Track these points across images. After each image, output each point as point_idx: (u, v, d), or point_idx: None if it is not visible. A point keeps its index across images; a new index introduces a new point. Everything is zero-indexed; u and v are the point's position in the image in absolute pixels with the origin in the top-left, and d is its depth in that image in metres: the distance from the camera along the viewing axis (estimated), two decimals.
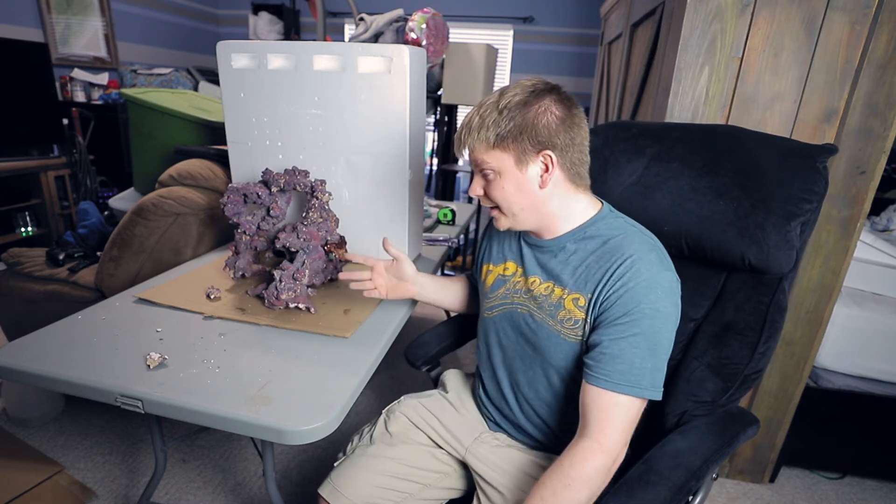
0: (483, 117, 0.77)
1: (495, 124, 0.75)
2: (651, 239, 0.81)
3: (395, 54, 1.18)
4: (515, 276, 0.90)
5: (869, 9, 1.13)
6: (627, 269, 0.74)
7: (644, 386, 0.72)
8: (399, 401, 1.05)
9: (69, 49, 3.53)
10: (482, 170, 0.79)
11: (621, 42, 2.02)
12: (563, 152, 0.77)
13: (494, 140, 0.76)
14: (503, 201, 0.80)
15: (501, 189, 0.79)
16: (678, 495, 0.73)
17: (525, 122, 0.75)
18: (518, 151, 0.76)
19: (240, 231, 1.23)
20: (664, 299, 0.73)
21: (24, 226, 3.00)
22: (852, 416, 1.55)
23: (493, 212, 0.85)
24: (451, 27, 2.72)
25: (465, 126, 0.79)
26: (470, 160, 0.81)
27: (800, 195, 0.85)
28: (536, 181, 0.78)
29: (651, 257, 0.76)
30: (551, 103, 0.76)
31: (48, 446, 1.59)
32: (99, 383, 0.81)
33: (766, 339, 0.86)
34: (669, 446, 0.80)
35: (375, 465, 0.92)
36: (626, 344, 0.72)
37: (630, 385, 0.71)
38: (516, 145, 0.76)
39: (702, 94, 1.24)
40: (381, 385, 2.03)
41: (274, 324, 1.03)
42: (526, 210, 0.80)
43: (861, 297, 1.57)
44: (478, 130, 0.77)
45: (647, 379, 0.72)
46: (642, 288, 0.73)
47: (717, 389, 0.88)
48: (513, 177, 0.78)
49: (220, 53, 1.31)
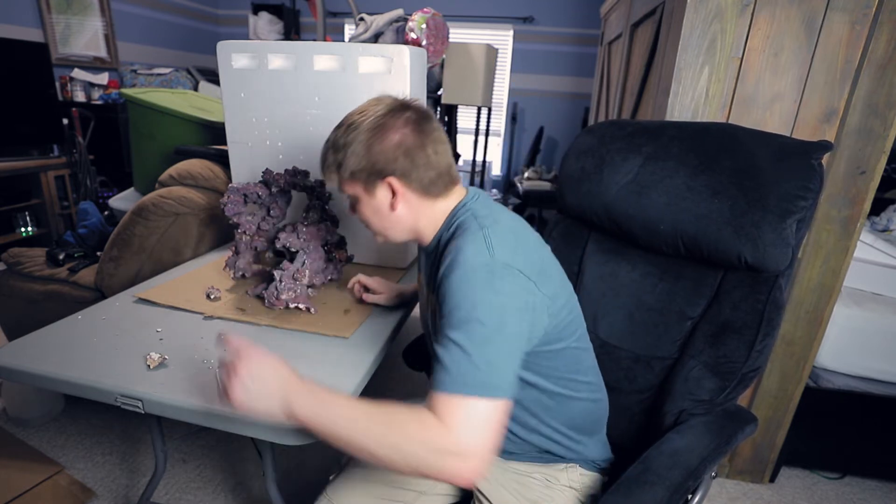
0: (326, 156, 0.81)
1: (338, 162, 0.79)
2: (492, 228, 0.72)
3: (396, 54, 1.18)
4: (422, 286, 0.92)
5: (869, 9, 1.13)
6: (449, 262, 0.69)
7: (474, 384, 0.61)
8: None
9: (69, 49, 3.53)
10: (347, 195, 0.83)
11: (621, 42, 2.02)
12: (408, 176, 0.77)
13: (341, 175, 0.80)
14: (368, 222, 0.84)
15: (363, 213, 0.83)
16: (676, 495, 0.73)
17: (365, 155, 0.76)
18: (364, 182, 0.78)
19: (240, 231, 1.23)
20: (483, 287, 0.65)
21: (24, 226, 3.00)
22: (852, 416, 1.55)
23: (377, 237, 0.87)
24: (451, 27, 2.72)
25: (320, 162, 0.83)
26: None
27: (795, 192, 0.85)
28: (387, 204, 0.79)
29: (474, 245, 0.69)
30: (391, 132, 0.76)
31: (48, 446, 1.59)
32: (99, 383, 0.81)
33: (763, 337, 0.86)
34: (667, 445, 0.80)
35: (370, 475, 0.92)
36: (446, 345, 0.64)
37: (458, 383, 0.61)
38: (361, 177, 0.78)
39: (702, 95, 1.24)
40: (381, 385, 2.03)
41: (274, 324, 1.03)
42: (389, 229, 0.83)
43: (861, 297, 1.57)
44: (328, 168, 0.81)
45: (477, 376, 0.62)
46: (457, 280, 0.66)
47: (714, 388, 0.88)
48: (367, 203, 0.81)
49: (220, 53, 1.31)
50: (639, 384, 1.01)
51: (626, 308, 1.05)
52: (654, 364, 1.00)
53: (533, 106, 4.72)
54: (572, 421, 0.85)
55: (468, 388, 0.61)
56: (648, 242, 1.01)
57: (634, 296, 1.04)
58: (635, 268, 1.05)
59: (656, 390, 0.99)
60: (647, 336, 1.01)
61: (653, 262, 1.04)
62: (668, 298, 1.00)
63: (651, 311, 1.02)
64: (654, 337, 1.01)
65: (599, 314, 1.09)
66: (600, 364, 1.03)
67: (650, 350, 1.00)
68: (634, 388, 1.01)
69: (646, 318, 1.02)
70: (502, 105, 4.76)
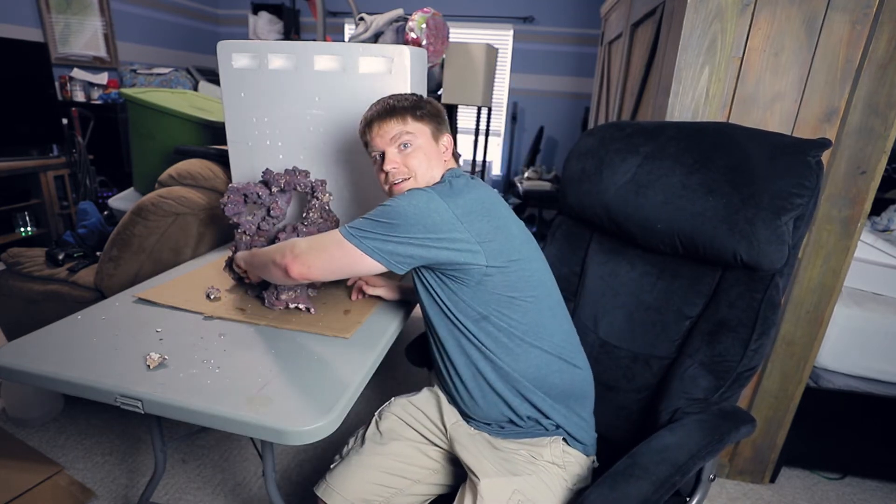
0: (402, 101, 0.97)
1: (417, 105, 0.97)
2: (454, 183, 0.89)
3: (396, 54, 1.17)
4: None
5: (869, 8, 1.13)
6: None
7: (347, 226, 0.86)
8: (389, 402, 1.07)
9: (69, 49, 3.53)
10: (402, 141, 0.95)
11: (621, 42, 2.01)
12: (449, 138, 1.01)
13: (415, 114, 0.95)
14: (411, 160, 0.95)
15: (416, 152, 0.95)
16: (661, 489, 0.72)
17: (441, 111, 1.01)
18: (435, 127, 0.98)
19: (240, 231, 1.22)
20: (402, 200, 0.85)
21: (23, 226, 2.99)
22: (853, 417, 1.55)
23: (401, 184, 0.95)
24: (452, 27, 2.72)
25: (389, 107, 0.96)
26: (384, 136, 0.96)
27: (790, 190, 0.84)
28: (440, 153, 0.98)
29: (417, 190, 0.87)
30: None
31: (48, 446, 1.59)
32: (98, 383, 0.81)
33: (758, 336, 0.86)
34: (656, 441, 0.80)
35: (367, 461, 0.95)
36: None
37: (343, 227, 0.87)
38: (434, 122, 0.97)
39: (702, 94, 1.24)
40: (381, 385, 2.03)
41: (274, 324, 1.03)
42: (424, 173, 0.95)
43: (861, 297, 1.57)
44: (401, 109, 0.95)
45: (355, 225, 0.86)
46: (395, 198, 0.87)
47: (709, 387, 0.88)
48: (427, 144, 0.96)
49: (220, 53, 1.30)
50: (637, 383, 1.01)
51: (626, 307, 1.05)
52: (652, 363, 1.00)
53: (533, 106, 4.72)
54: (542, 381, 0.89)
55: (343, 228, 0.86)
56: (647, 241, 1.01)
57: (634, 295, 1.04)
58: (634, 267, 1.05)
59: (654, 389, 0.99)
60: (645, 335, 1.01)
61: (651, 261, 1.04)
62: (667, 297, 1.00)
63: (649, 310, 1.02)
64: (652, 336, 1.01)
65: (600, 314, 1.09)
66: (600, 363, 1.03)
67: (648, 349, 1.00)
68: (632, 387, 1.01)
69: (644, 317, 1.02)
70: (502, 105, 4.76)
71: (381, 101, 0.99)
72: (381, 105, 0.97)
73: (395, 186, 0.95)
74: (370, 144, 0.98)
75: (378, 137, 0.96)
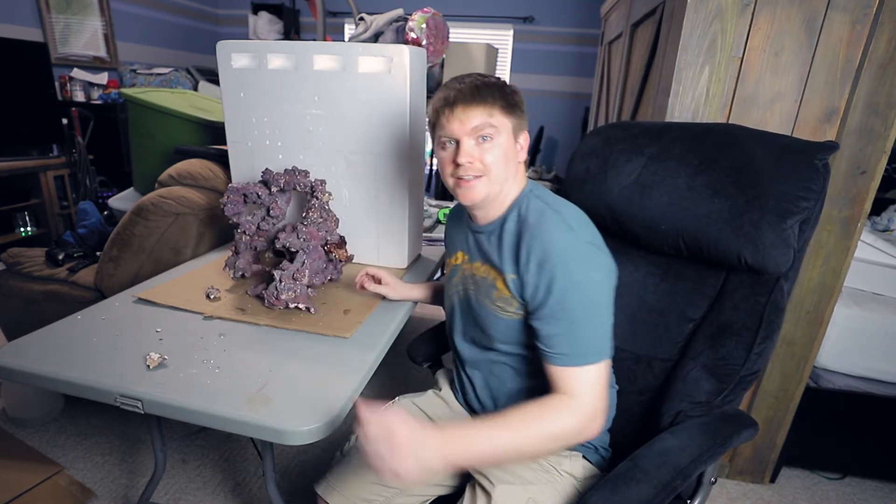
0: (491, 87, 0.81)
1: (505, 95, 0.82)
2: (566, 212, 0.82)
3: (396, 54, 1.17)
4: (464, 264, 0.95)
5: (870, 8, 1.13)
6: (541, 248, 0.77)
7: (590, 353, 0.75)
8: (394, 401, 1.06)
9: (69, 49, 3.53)
10: (481, 133, 0.81)
11: (621, 42, 2.01)
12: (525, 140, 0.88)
13: (501, 106, 0.81)
14: (488, 157, 0.82)
15: (494, 147, 0.82)
16: (662, 493, 0.72)
17: (525, 109, 0.85)
18: (517, 123, 0.83)
19: (239, 231, 1.22)
20: (582, 267, 0.76)
21: (23, 226, 2.99)
22: (853, 417, 1.55)
23: (472, 181, 0.83)
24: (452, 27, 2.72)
25: (474, 89, 0.81)
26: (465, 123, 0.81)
27: (796, 193, 0.84)
28: (516, 152, 0.85)
29: (563, 233, 0.78)
30: None
31: (47, 446, 1.59)
32: (98, 383, 0.81)
33: (762, 340, 0.86)
34: (658, 444, 0.80)
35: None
36: (557, 324, 0.76)
37: (578, 356, 0.75)
38: (517, 116, 0.83)
39: (702, 94, 1.23)
40: (381, 385, 2.03)
41: (274, 324, 1.03)
42: (499, 172, 0.83)
43: (862, 297, 1.57)
44: (488, 97, 0.80)
45: (591, 346, 0.76)
46: (559, 264, 0.76)
47: (711, 390, 0.88)
48: (506, 140, 0.83)
49: (220, 53, 1.30)
50: (639, 385, 1.01)
51: (629, 308, 1.04)
52: (654, 365, 0.99)
53: (533, 106, 4.72)
54: None
55: (584, 358, 0.74)
56: (650, 243, 1.01)
57: (637, 296, 1.04)
58: (638, 268, 1.05)
59: (656, 391, 0.99)
60: (648, 336, 1.01)
61: (655, 262, 1.04)
62: (670, 299, 1.00)
63: (652, 311, 1.01)
64: (654, 337, 1.00)
65: None
66: None
67: (651, 350, 1.00)
68: (634, 388, 1.01)
69: (647, 318, 1.02)
70: None
71: (464, 80, 0.83)
72: (468, 85, 0.81)
73: (464, 182, 0.83)
74: (444, 127, 0.83)
75: (457, 122, 0.81)
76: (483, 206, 0.86)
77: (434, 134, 0.87)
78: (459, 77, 0.84)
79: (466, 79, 0.83)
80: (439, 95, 0.84)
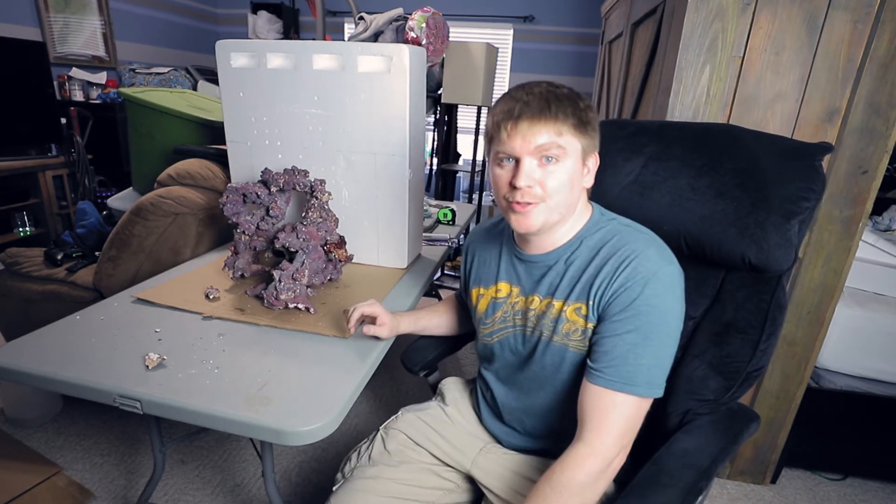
0: (564, 103, 0.72)
1: (577, 111, 0.72)
2: (647, 235, 0.80)
3: (395, 53, 1.17)
4: (512, 298, 0.88)
5: (871, 7, 1.13)
6: (625, 268, 0.74)
7: (639, 383, 0.70)
8: (396, 416, 1.02)
9: (67, 48, 3.52)
10: (546, 153, 0.72)
11: (622, 41, 2.01)
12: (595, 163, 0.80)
13: (572, 124, 0.72)
14: (550, 181, 0.73)
15: (559, 170, 0.73)
16: (689, 496, 0.72)
17: (598, 127, 0.77)
18: (586, 144, 0.75)
19: (239, 231, 1.22)
20: (663, 294, 0.72)
21: (21, 226, 2.99)
22: (854, 417, 1.55)
23: (528, 207, 0.75)
24: (451, 26, 2.71)
25: (548, 96, 0.71)
26: (528, 140, 0.71)
27: (798, 194, 0.85)
28: (581, 175, 0.77)
29: (649, 253, 0.75)
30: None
31: (46, 447, 1.58)
32: (97, 384, 0.80)
33: (767, 337, 0.87)
34: (677, 446, 0.80)
35: (376, 487, 0.88)
36: (620, 340, 0.72)
37: (623, 382, 0.70)
38: (587, 136, 0.75)
39: (703, 94, 1.23)
40: (381, 386, 2.02)
41: (273, 324, 1.02)
42: (562, 198, 0.75)
43: (863, 297, 1.56)
44: (559, 112, 0.71)
45: (643, 376, 0.71)
46: (639, 283, 0.72)
47: (719, 388, 0.88)
48: (572, 163, 0.74)
49: (219, 52, 1.30)
50: None
51: None
52: None
53: None
54: None
55: (631, 385, 0.70)
56: None
57: None
58: None
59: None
60: None
61: None
62: None
63: None
64: None
65: None
66: None
67: None
68: None
69: None
70: None
71: (532, 90, 0.72)
72: (536, 97, 0.71)
73: (519, 207, 0.74)
74: (504, 143, 0.73)
75: (520, 138, 0.71)
76: (539, 234, 0.79)
77: (490, 148, 0.77)
78: (527, 85, 0.74)
79: (535, 88, 0.72)
80: (502, 106, 0.73)
